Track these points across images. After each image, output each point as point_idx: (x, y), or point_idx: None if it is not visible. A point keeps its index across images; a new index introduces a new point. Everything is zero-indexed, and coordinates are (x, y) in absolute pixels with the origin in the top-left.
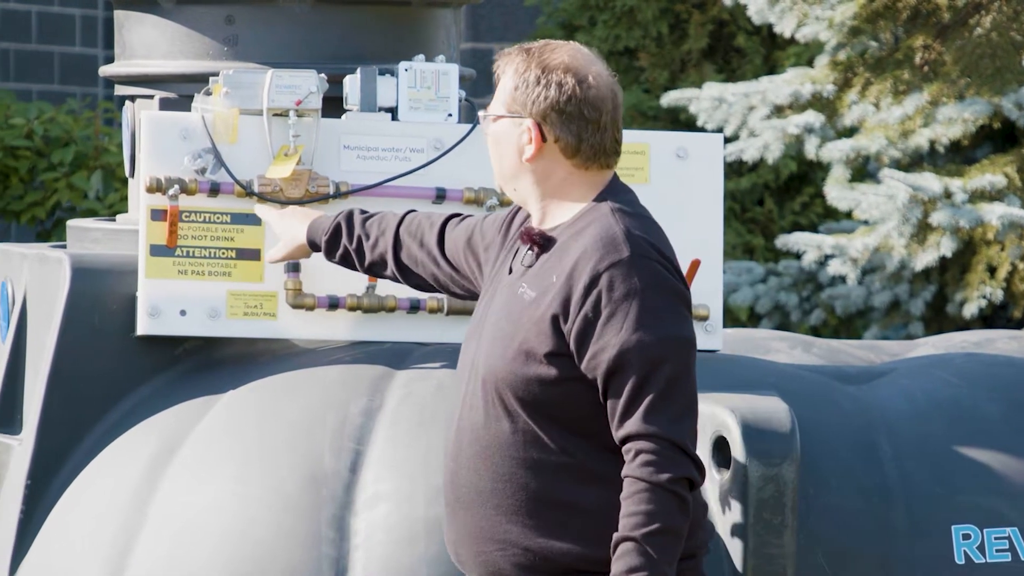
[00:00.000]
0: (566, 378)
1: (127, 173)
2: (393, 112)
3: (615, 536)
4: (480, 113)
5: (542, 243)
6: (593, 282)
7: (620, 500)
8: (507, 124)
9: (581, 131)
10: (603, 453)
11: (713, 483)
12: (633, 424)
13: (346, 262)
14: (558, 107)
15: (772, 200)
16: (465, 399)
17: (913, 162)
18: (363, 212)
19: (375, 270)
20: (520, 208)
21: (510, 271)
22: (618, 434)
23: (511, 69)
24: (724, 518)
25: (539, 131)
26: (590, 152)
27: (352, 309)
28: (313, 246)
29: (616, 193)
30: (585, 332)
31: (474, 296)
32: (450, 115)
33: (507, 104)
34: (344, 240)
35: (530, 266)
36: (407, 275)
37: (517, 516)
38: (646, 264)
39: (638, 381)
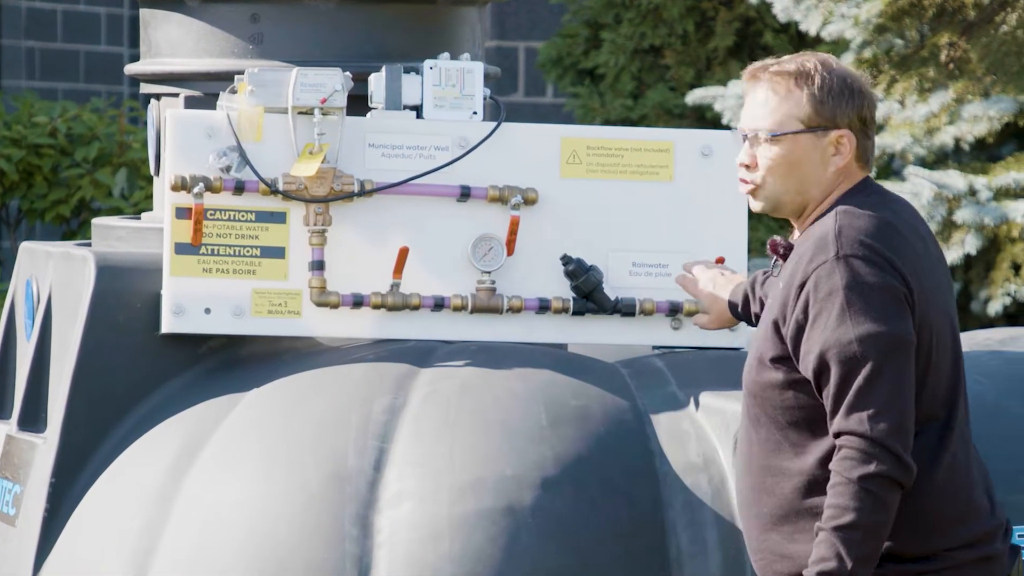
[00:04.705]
0: (792, 381)
1: (152, 171)
2: (418, 110)
3: (815, 526)
4: (761, 130)
5: (784, 253)
6: (803, 285)
7: None
8: (807, 139)
9: (872, 135)
10: (833, 456)
11: None
12: (838, 422)
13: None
14: (861, 114)
15: None
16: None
17: (938, 160)
18: (765, 272)
19: None
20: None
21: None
22: (831, 432)
23: (793, 83)
24: None
25: (849, 140)
26: (871, 155)
27: (376, 307)
28: (738, 317)
29: (854, 195)
30: (797, 335)
31: None
32: (475, 113)
33: (806, 119)
34: (752, 306)
35: (776, 276)
36: None
37: (771, 523)
38: (851, 262)
39: (839, 380)
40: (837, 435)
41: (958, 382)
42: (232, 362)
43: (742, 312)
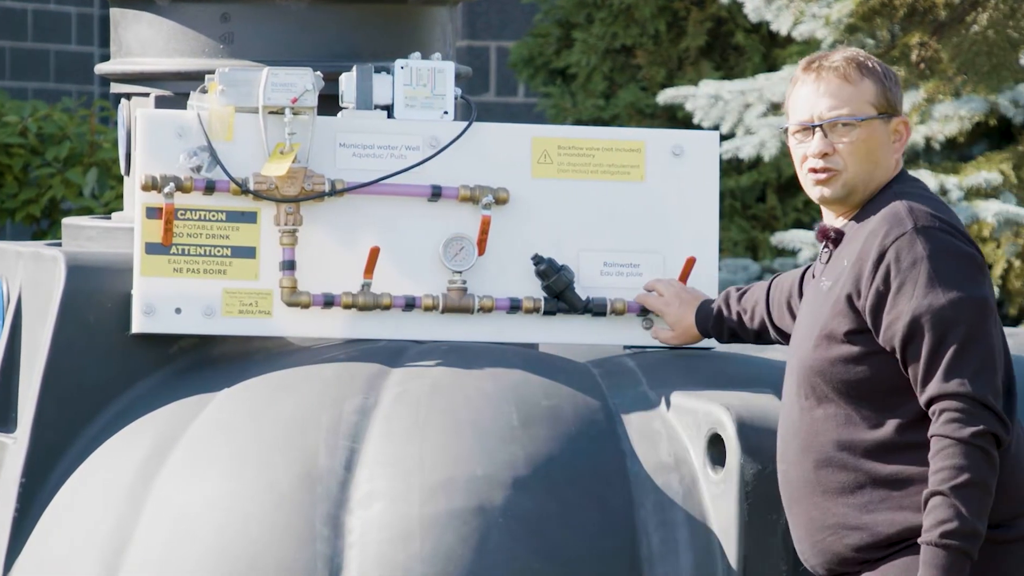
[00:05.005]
0: (868, 353)
1: (123, 171)
2: (389, 110)
3: (924, 493)
4: (842, 116)
5: (836, 238)
6: (881, 257)
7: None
8: (878, 124)
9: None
10: (913, 425)
11: (708, 481)
12: (934, 386)
13: (735, 339)
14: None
15: (775, 197)
16: (785, 405)
17: (909, 159)
18: (739, 289)
19: (763, 338)
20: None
21: (812, 276)
22: (922, 399)
23: (861, 71)
24: (718, 516)
25: (907, 128)
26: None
27: (347, 307)
28: (704, 333)
29: (902, 181)
30: (878, 306)
31: None
32: (446, 113)
33: (876, 105)
34: (726, 321)
35: (827, 262)
36: (786, 338)
37: (843, 497)
38: (930, 233)
39: (933, 344)
40: (935, 399)
41: (1008, 352)
42: (203, 362)
43: (712, 328)
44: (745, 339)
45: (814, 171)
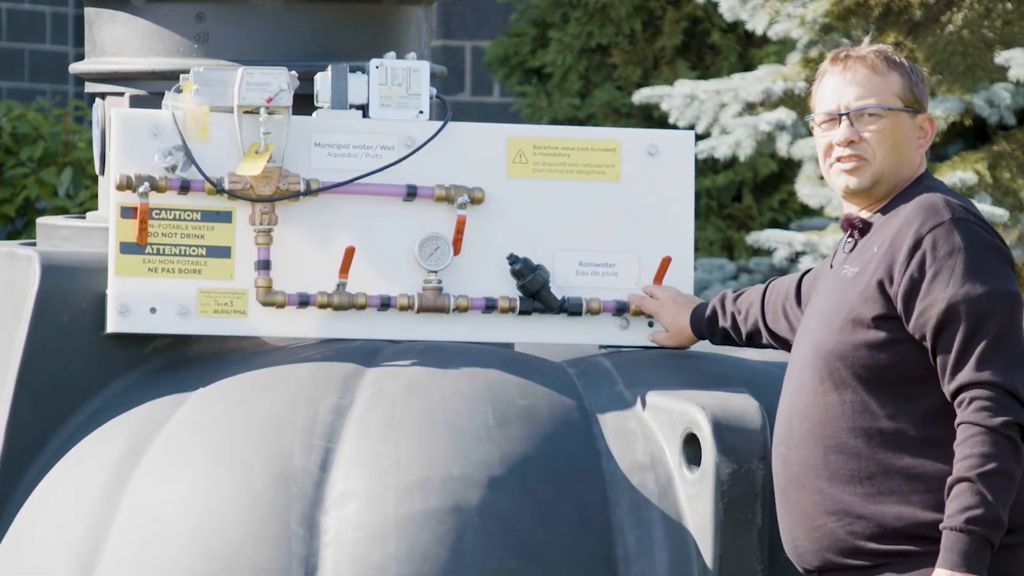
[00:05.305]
0: (894, 340)
1: (97, 171)
2: (364, 109)
3: (949, 480)
4: (869, 105)
5: (862, 227)
6: (916, 244)
7: (953, 450)
8: (905, 117)
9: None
10: (931, 418)
11: (684, 481)
12: (965, 374)
13: (727, 340)
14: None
15: (751, 197)
16: (793, 389)
17: None
18: (734, 291)
19: (755, 340)
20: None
21: (831, 267)
22: (950, 387)
23: (889, 65)
24: (694, 515)
25: (932, 125)
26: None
27: (322, 306)
28: (699, 335)
29: (929, 177)
30: (912, 292)
31: None
32: (421, 112)
33: (903, 98)
34: (720, 322)
35: (850, 251)
36: (779, 341)
37: (850, 485)
38: (966, 225)
39: (967, 333)
40: (965, 387)
41: None
42: (178, 362)
43: (706, 330)
44: (737, 341)
45: (841, 159)
